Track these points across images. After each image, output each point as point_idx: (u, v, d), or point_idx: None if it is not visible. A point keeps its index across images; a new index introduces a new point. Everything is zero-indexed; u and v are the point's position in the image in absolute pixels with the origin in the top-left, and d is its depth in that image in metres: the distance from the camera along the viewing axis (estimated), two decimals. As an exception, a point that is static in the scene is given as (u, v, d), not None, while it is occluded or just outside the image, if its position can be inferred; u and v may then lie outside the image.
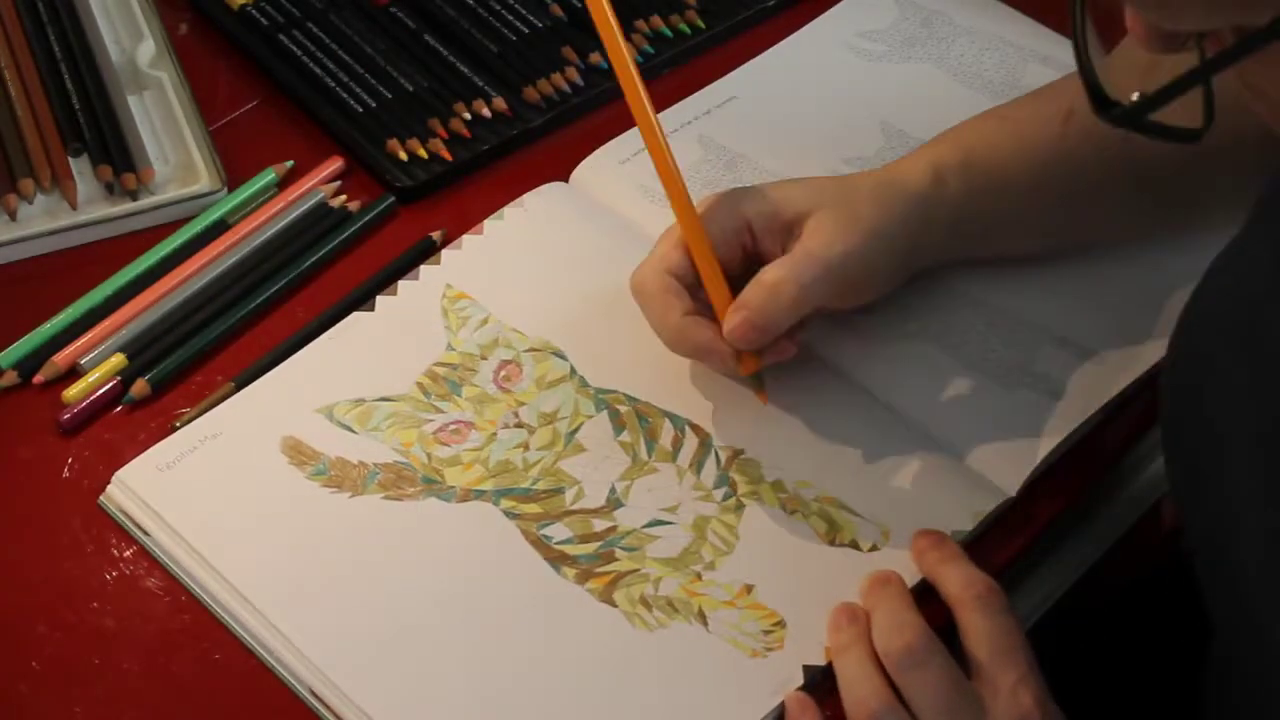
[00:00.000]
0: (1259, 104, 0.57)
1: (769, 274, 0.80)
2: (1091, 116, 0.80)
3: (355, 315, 0.87)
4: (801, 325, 0.81)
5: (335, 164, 0.96)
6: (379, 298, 0.88)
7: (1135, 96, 0.56)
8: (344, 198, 0.94)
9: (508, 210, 0.93)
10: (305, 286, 0.91)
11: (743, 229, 0.82)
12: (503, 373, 0.85)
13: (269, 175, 0.94)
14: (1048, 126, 0.85)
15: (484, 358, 0.86)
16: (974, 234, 0.86)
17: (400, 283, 0.89)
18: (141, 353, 0.86)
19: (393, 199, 0.94)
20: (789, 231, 0.82)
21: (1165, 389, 0.76)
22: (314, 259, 0.91)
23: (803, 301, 0.80)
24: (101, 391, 0.84)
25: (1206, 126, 0.57)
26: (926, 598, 0.76)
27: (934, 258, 0.86)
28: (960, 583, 0.74)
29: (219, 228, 0.92)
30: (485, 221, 0.92)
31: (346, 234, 0.92)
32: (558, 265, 0.91)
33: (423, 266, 0.90)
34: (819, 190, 0.83)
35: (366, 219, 0.93)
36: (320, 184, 0.95)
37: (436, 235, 0.92)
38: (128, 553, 0.79)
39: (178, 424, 0.82)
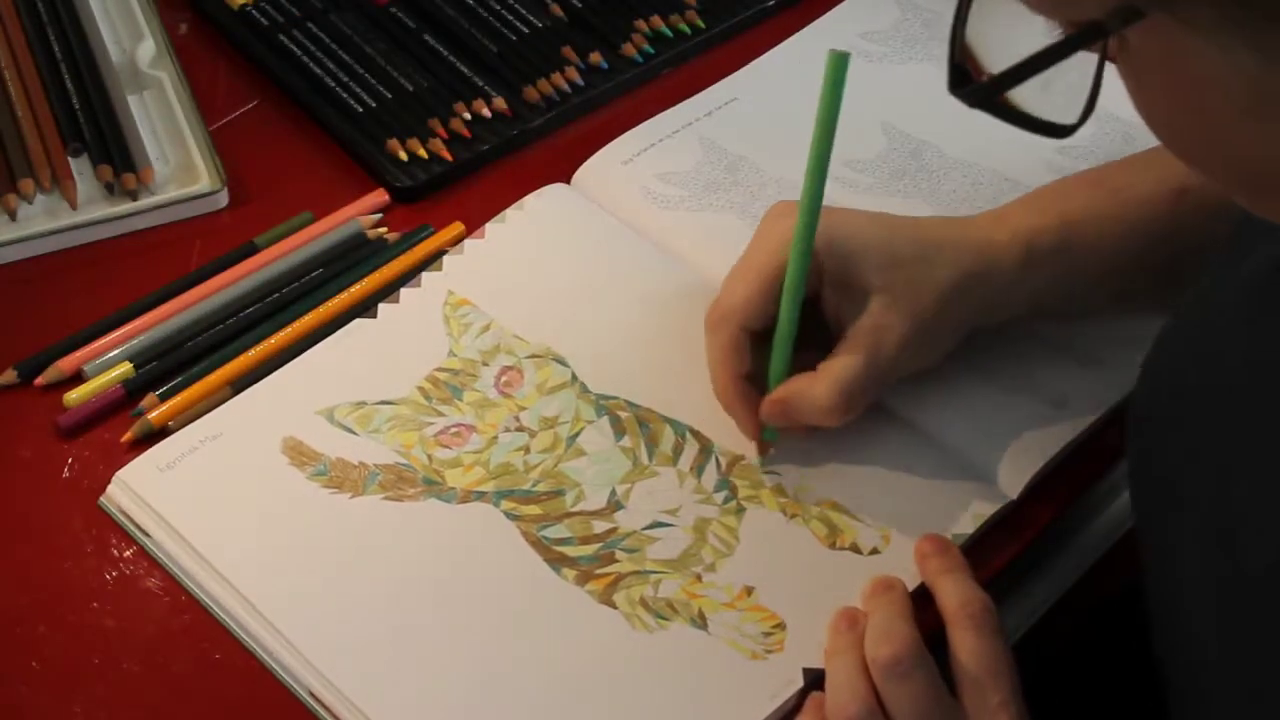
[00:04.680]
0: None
1: (823, 379, 0.78)
2: (1204, 194, 0.79)
3: (358, 321, 0.87)
4: None
5: (379, 197, 0.95)
6: (381, 305, 0.88)
7: (985, 77, 0.56)
8: (384, 230, 0.93)
9: (509, 213, 0.93)
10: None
11: (814, 280, 0.79)
12: (504, 378, 0.85)
13: (305, 216, 0.94)
14: (1157, 206, 0.81)
15: (485, 363, 0.86)
16: (1053, 308, 0.83)
17: (403, 290, 0.89)
18: (148, 364, 0.86)
19: (429, 228, 0.93)
20: (858, 301, 0.79)
21: (1130, 423, 0.76)
22: (339, 286, 0.90)
23: (845, 416, 0.78)
24: (102, 396, 0.84)
25: (1081, 121, 0.57)
26: (927, 602, 0.76)
27: (998, 327, 0.83)
28: (958, 598, 0.74)
29: (246, 250, 0.92)
30: (487, 225, 0.92)
31: (379, 264, 0.91)
32: (559, 270, 0.91)
33: (424, 273, 0.90)
34: (897, 260, 0.79)
35: (401, 250, 0.91)
36: (361, 214, 0.94)
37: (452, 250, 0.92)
38: (128, 553, 0.79)
39: (172, 423, 0.82)
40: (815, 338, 0.80)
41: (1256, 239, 0.68)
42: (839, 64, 0.74)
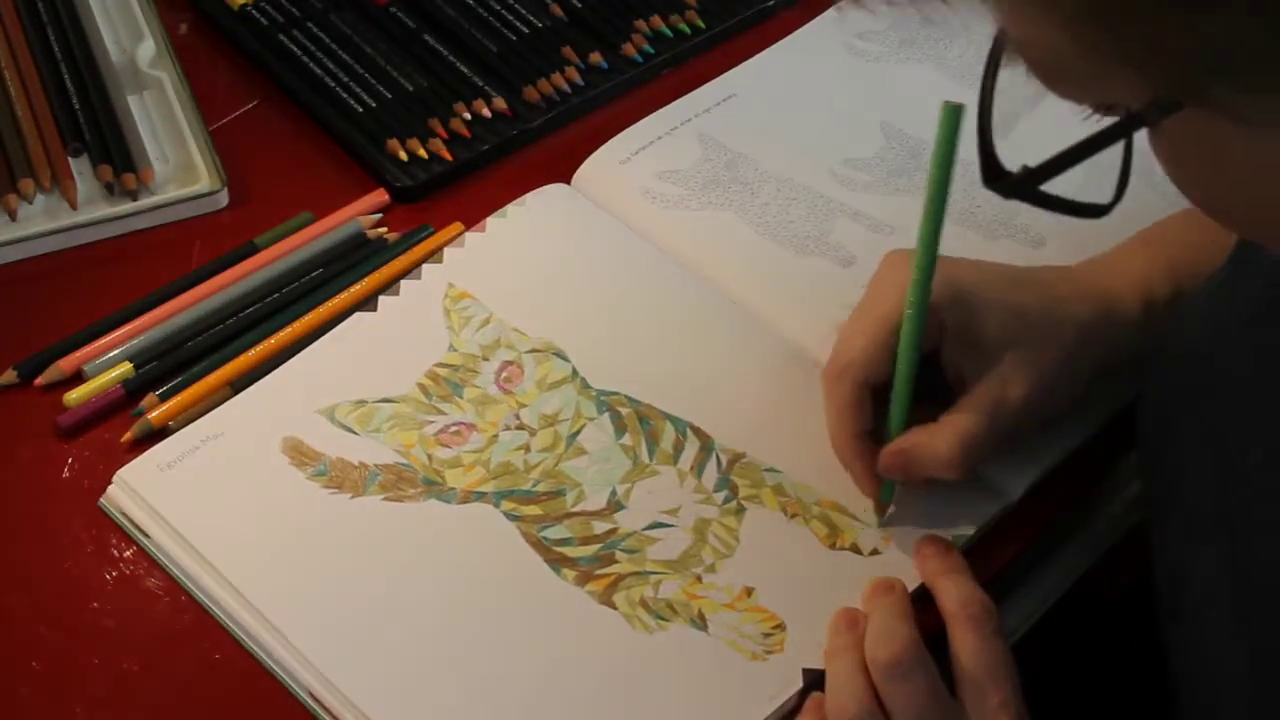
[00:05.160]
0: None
1: (945, 431, 0.77)
2: None
3: (358, 315, 0.87)
4: None
5: (380, 197, 0.95)
6: (381, 297, 0.88)
7: (1018, 169, 0.56)
8: (384, 230, 0.93)
9: (510, 208, 0.93)
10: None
11: (934, 330, 0.78)
12: (504, 374, 0.85)
13: (305, 216, 0.94)
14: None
15: (485, 358, 0.86)
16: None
17: (402, 282, 0.89)
18: (149, 364, 0.86)
19: (429, 228, 0.93)
20: (981, 355, 0.78)
21: (1141, 414, 0.76)
22: (339, 286, 0.90)
23: (967, 465, 0.77)
24: (102, 396, 0.84)
25: (1115, 202, 0.57)
26: (926, 602, 0.76)
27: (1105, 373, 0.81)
28: (958, 599, 0.74)
29: (246, 250, 0.92)
30: (488, 219, 0.92)
31: (379, 264, 0.91)
32: (560, 265, 0.91)
33: (425, 265, 0.90)
34: (1022, 321, 0.78)
35: (401, 250, 0.92)
36: (361, 214, 0.94)
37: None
38: (128, 553, 0.79)
39: (172, 423, 0.82)
40: (933, 393, 0.79)
41: None
42: (952, 116, 0.71)
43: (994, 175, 0.57)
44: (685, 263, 0.91)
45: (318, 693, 0.73)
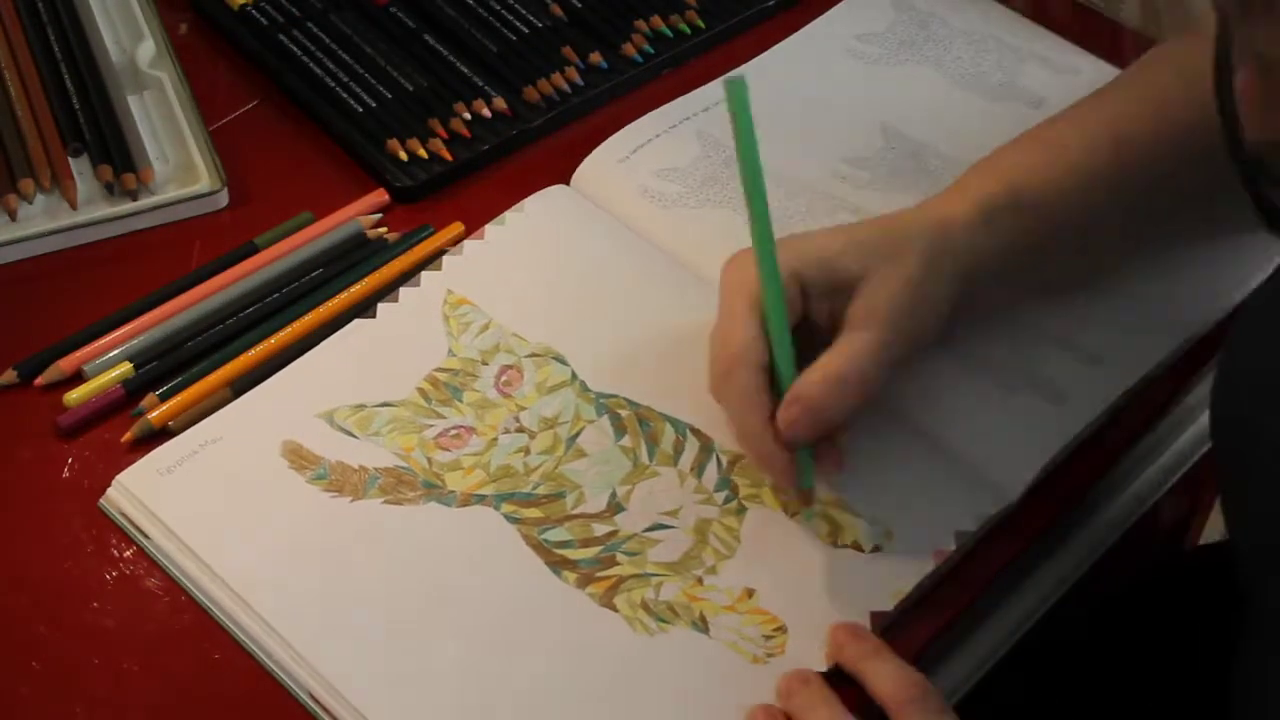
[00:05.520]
0: None
1: (829, 367, 0.76)
2: (1146, 144, 0.80)
3: (357, 321, 0.87)
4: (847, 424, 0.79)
5: (380, 197, 0.95)
6: (380, 304, 0.88)
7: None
8: (384, 230, 0.93)
9: (509, 215, 0.93)
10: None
11: (795, 296, 0.79)
12: (504, 378, 0.85)
13: (305, 216, 0.94)
14: (1098, 155, 0.83)
15: (485, 363, 0.86)
16: (1026, 274, 0.84)
17: (401, 289, 0.89)
18: (149, 364, 0.86)
19: (430, 228, 0.93)
20: (840, 293, 0.79)
21: (1215, 406, 0.74)
22: (339, 286, 0.90)
23: (862, 394, 0.77)
24: (102, 396, 0.84)
25: None
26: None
27: (983, 301, 0.84)
28: (893, 683, 0.72)
29: (246, 250, 0.92)
30: (486, 226, 0.92)
31: (379, 264, 0.91)
32: (559, 270, 0.91)
33: (424, 272, 0.90)
34: (868, 248, 0.79)
35: (401, 250, 0.92)
36: (361, 214, 0.94)
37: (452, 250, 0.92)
38: (127, 553, 0.79)
39: (173, 424, 0.82)
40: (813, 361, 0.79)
41: None
42: (739, 90, 0.72)
43: (1272, 217, 0.55)
44: (684, 263, 0.91)
45: (317, 694, 0.73)
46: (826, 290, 0.79)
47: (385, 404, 0.84)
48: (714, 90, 1.01)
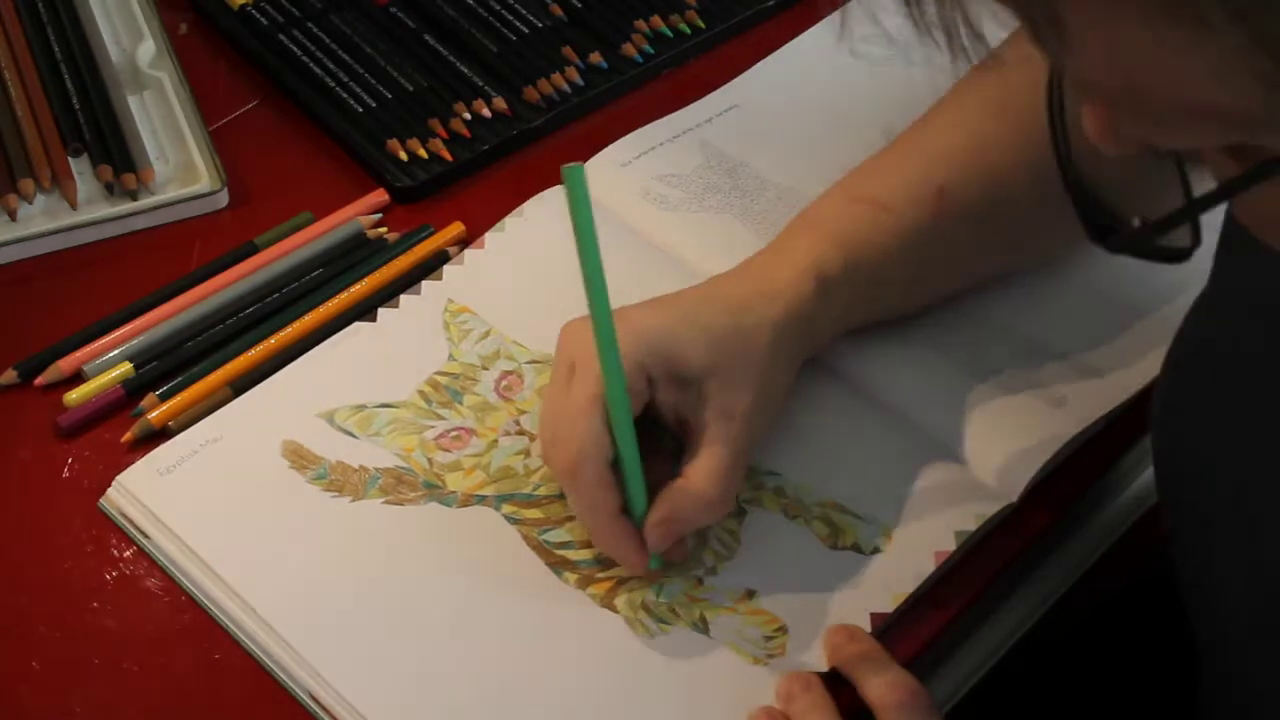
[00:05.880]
0: (1267, 231, 0.53)
1: (698, 479, 0.75)
2: (963, 195, 0.81)
3: (357, 325, 0.87)
4: None
5: (379, 197, 0.95)
6: (381, 310, 0.88)
7: (1136, 223, 0.53)
8: (384, 230, 0.93)
9: (509, 220, 0.93)
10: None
11: (641, 389, 0.76)
12: (504, 383, 0.85)
13: (305, 216, 0.94)
14: (921, 208, 0.82)
15: (485, 368, 0.86)
16: (857, 325, 0.84)
17: (402, 297, 0.89)
18: (149, 364, 0.86)
19: (430, 228, 0.93)
20: (692, 389, 0.77)
21: (1156, 405, 0.76)
22: (339, 286, 0.90)
23: (728, 508, 0.77)
24: (102, 396, 0.84)
25: (1194, 248, 0.54)
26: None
27: (821, 349, 0.84)
28: (883, 686, 0.72)
29: (246, 250, 0.92)
30: (486, 234, 0.92)
31: (379, 264, 0.91)
32: (559, 276, 0.90)
33: (425, 281, 0.90)
34: (716, 341, 0.77)
35: (400, 250, 0.92)
36: (361, 214, 0.94)
37: (453, 250, 0.92)
38: (127, 553, 0.79)
39: (172, 424, 0.82)
40: (657, 446, 0.78)
41: None
42: (577, 176, 0.68)
43: (1101, 233, 0.54)
44: (685, 265, 0.91)
45: (317, 694, 0.73)
46: (673, 382, 0.77)
47: (386, 405, 0.84)
48: (719, 100, 1.01)
